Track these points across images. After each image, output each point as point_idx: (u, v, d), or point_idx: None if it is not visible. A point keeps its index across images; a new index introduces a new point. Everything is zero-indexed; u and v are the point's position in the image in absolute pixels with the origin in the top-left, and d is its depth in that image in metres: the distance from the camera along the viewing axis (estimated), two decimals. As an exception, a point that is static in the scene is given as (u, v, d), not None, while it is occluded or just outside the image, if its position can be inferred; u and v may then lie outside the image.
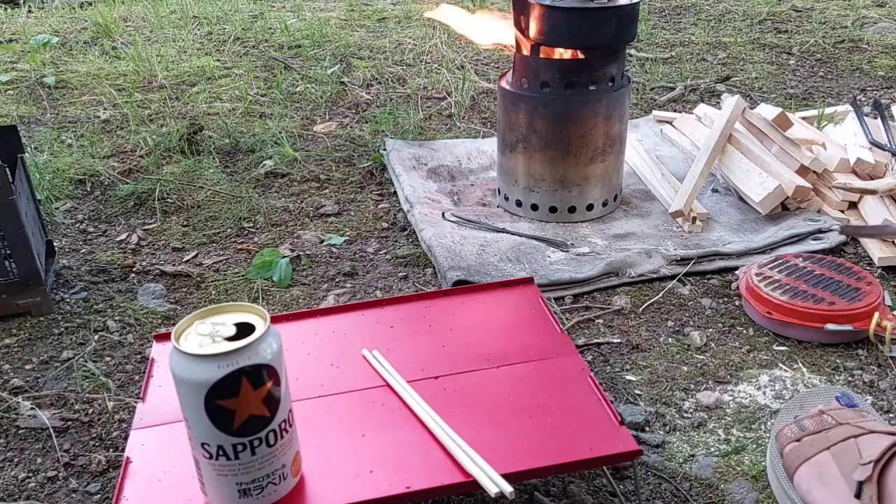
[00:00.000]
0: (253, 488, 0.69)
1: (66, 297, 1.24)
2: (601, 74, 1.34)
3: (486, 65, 2.31)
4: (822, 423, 0.80)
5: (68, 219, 1.49)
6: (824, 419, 0.80)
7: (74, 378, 1.05)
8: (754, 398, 0.99)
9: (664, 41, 2.50)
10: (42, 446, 0.95)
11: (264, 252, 1.32)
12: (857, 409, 0.82)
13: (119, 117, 1.95)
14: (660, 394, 1.00)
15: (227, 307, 0.71)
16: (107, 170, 1.65)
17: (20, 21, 2.81)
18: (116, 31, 2.64)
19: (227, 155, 1.74)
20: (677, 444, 0.91)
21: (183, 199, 1.55)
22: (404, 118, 1.90)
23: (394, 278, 1.28)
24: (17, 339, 1.14)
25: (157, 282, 1.28)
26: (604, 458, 0.76)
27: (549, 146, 1.37)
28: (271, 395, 0.67)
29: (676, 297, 1.20)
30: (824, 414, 0.81)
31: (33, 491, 0.88)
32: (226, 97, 2.08)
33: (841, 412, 0.81)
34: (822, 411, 0.82)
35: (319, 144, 1.79)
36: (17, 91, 2.15)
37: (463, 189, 1.56)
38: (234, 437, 0.67)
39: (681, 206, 1.37)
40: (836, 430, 0.78)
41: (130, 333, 1.15)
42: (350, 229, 1.43)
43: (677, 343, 1.10)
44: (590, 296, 1.21)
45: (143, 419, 0.84)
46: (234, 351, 0.64)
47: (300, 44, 2.50)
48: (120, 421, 0.98)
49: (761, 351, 1.08)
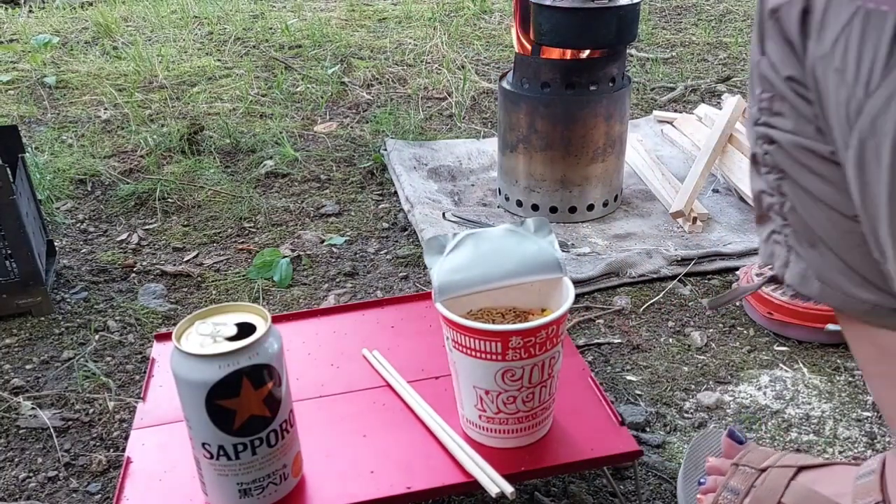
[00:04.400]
0: (254, 488, 0.69)
1: (67, 296, 1.24)
2: (602, 74, 1.34)
3: (486, 65, 2.31)
4: (748, 476, 0.75)
5: (69, 219, 1.49)
6: (744, 471, 0.76)
7: (75, 378, 1.05)
8: (755, 398, 0.99)
9: (665, 41, 2.50)
10: (42, 446, 0.95)
11: (265, 252, 1.32)
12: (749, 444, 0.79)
13: (120, 117, 1.96)
14: (660, 394, 1.00)
15: (228, 307, 0.71)
16: (107, 170, 1.65)
17: (21, 21, 2.81)
18: (117, 31, 2.64)
19: (228, 155, 1.74)
20: (678, 444, 0.91)
21: (183, 199, 1.55)
22: (405, 118, 1.90)
23: (394, 278, 1.28)
24: (18, 338, 1.14)
25: (157, 282, 1.28)
26: (604, 458, 0.76)
27: (550, 146, 1.37)
28: (272, 396, 0.67)
29: (677, 297, 1.20)
30: (739, 466, 0.76)
31: (34, 491, 0.88)
32: (226, 97, 2.08)
33: (749, 455, 0.77)
34: (735, 464, 0.77)
35: (320, 144, 1.79)
36: (17, 91, 2.15)
37: (463, 189, 1.57)
38: (235, 437, 0.67)
39: (681, 207, 1.37)
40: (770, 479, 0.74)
41: (131, 333, 1.15)
42: (350, 229, 1.43)
43: (678, 343, 1.10)
44: (590, 296, 1.21)
45: (143, 419, 0.84)
46: (234, 351, 0.64)
47: (301, 44, 2.50)
48: (120, 421, 0.98)
49: (762, 351, 1.08)
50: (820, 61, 0.50)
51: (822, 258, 0.59)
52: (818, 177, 0.56)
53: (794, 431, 0.93)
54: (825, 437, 0.92)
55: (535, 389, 0.74)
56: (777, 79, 0.56)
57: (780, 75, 0.55)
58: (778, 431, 0.93)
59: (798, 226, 0.59)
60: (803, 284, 0.60)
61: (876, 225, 0.51)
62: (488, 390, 0.73)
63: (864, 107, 0.47)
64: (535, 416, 0.76)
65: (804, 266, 0.60)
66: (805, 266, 0.60)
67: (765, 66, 0.57)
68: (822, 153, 0.55)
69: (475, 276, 0.76)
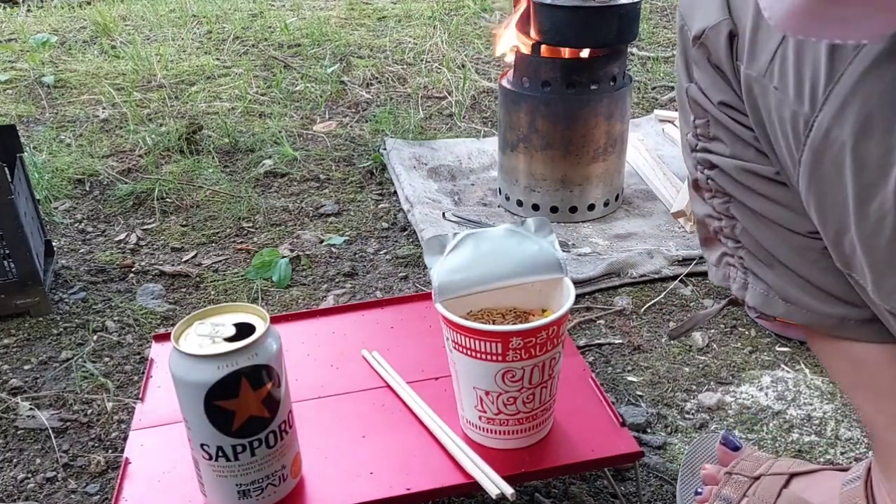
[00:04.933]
0: (252, 489, 0.69)
1: (65, 297, 1.23)
2: (602, 73, 1.33)
3: (486, 63, 2.30)
4: (741, 485, 0.75)
5: (67, 218, 1.49)
6: (737, 480, 0.75)
7: (73, 378, 1.05)
8: (756, 399, 0.98)
9: (666, 40, 2.50)
10: (41, 447, 0.94)
11: (264, 252, 1.31)
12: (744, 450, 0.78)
13: (118, 117, 1.95)
14: (661, 395, 0.99)
15: (227, 307, 0.70)
16: (106, 169, 1.65)
17: (19, 20, 2.81)
18: (115, 30, 2.63)
19: (227, 154, 1.74)
20: (679, 445, 0.91)
21: (182, 199, 1.54)
22: (404, 117, 1.89)
23: (394, 278, 1.27)
24: (16, 339, 1.14)
25: (156, 282, 1.28)
26: (605, 459, 0.76)
27: (551, 146, 1.36)
28: (271, 396, 0.67)
29: (678, 297, 1.20)
30: (732, 475, 0.76)
31: (32, 491, 0.88)
32: (225, 96, 2.07)
33: (742, 463, 0.76)
34: (728, 473, 0.76)
35: (319, 144, 1.79)
36: (15, 90, 2.14)
37: (463, 189, 1.56)
38: (234, 438, 0.66)
39: (682, 207, 1.37)
40: (762, 488, 0.73)
41: (129, 334, 1.15)
42: (350, 229, 1.43)
43: (679, 344, 1.09)
44: (591, 296, 1.21)
45: (142, 420, 0.84)
46: (233, 351, 0.64)
47: (300, 43, 2.49)
48: (119, 421, 0.98)
49: (763, 352, 1.07)
50: (756, 82, 0.50)
51: (781, 278, 0.58)
52: (764, 198, 0.56)
53: (795, 432, 0.93)
54: (827, 437, 0.92)
55: (535, 390, 0.73)
56: (709, 104, 0.56)
57: (713, 101, 0.55)
58: (779, 432, 0.93)
59: (752, 247, 0.59)
60: (767, 305, 0.60)
61: (840, 235, 0.50)
62: (488, 391, 0.73)
63: (814, 122, 0.47)
64: (536, 417, 0.75)
65: (765, 287, 0.60)
66: (766, 287, 0.60)
67: (694, 92, 0.57)
68: (766, 174, 0.54)
69: (475, 276, 0.75)
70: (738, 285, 0.62)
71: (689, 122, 0.59)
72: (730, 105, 0.54)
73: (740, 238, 0.60)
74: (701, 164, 0.59)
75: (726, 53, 0.52)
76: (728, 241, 0.61)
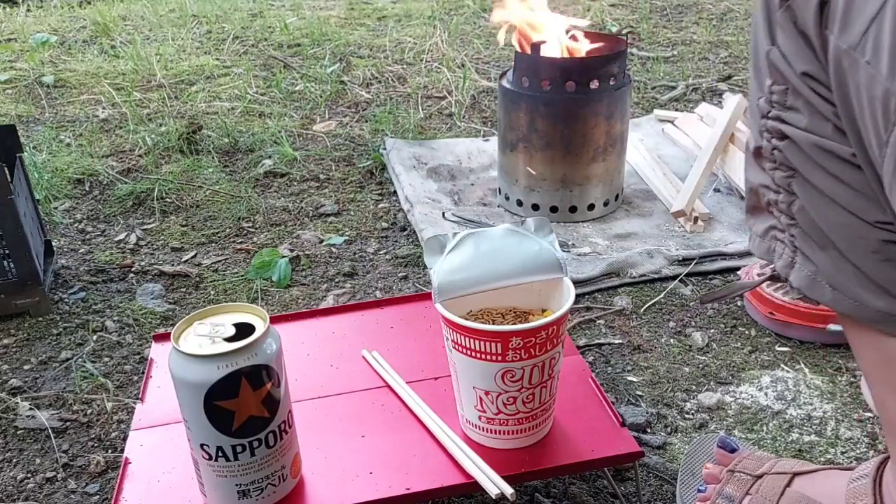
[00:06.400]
0: (252, 489, 0.69)
1: (65, 297, 1.23)
2: (602, 73, 1.33)
3: (486, 63, 2.30)
4: (743, 483, 0.75)
5: (67, 218, 1.49)
6: (739, 478, 0.75)
7: (73, 378, 1.05)
8: (756, 399, 0.98)
9: (666, 40, 2.50)
10: (41, 447, 0.94)
11: (263, 252, 1.31)
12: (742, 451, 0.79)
13: (118, 116, 1.95)
14: (661, 395, 0.99)
15: (227, 307, 0.70)
16: (105, 169, 1.65)
17: (19, 20, 2.81)
18: (115, 30, 2.63)
19: (227, 154, 1.74)
20: (679, 445, 0.91)
21: (182, 199, 1.54)
22: (404, 117, 1.89)
23: (394, 278, 1.27)
24: (16, 339, 1.14)
25: (155, 282, 1.28)
26: (605, 459, 0.76)
27: (550, 145, 1.36)
28: (271, 396, 0.67)
29: (678, 297, 1.20)
30: (735, 473, 0.76)
31: (32, 492, 0.88)
32: (225, 96, 2.07)
33: (744, 461, 0.77)
34: (731, 471, 0.76)
35: (319, 144, 1.79)
36: (15, 90, 2.14)
37: (463, 188, 1.56)
38: (234, 438, 0.66)
39: (682, 206, 1.37)
40: (765, 486, 0.73)
41: (129, 334, 1.15)
42: (350, 229, 1.43)
43: (679, 344, 1.09)
44: (591, 296, 1.21)
45: (141, 420, 0.83)
46: (233, 352, 0.64)
47: (300, 42, 2.49)
48: (119, 421, 0.98)
49: (763, 352, 1.07)
50: (846, 55, 0.46)
51: (832, 262, 0.56)
52: (835, 178, 0.52)
53: (795, 432, 0.93)
54: (827, 437, 0.92)
55: (535, 390, 0.73)
56: (791, 73, 0.52)
57: (795, 69, 0.51)
58: (779, 432, 0.93)
59: (807, 227, 0.56)
60: (812, 289, 0.58)
61: None
62: (488, 391, 0.73)
63: None
64: (536, 416, 0.75)
65: (813, 269, 0.57)
66: (814, 269, 0.57)
67: (776, 57, 0.53)
68: (842, 154, 0.51)
69: (475, 276, 0.75)
70: (784, 263, 0.59)
71: (765, 86, 0.55)
72: (813, 76, 0.51)
73: (796, 216, 0.57)
74: (770, 132, 0.55)
75: (815, 20, 0.48)
76: (782, 216, 0.58)
